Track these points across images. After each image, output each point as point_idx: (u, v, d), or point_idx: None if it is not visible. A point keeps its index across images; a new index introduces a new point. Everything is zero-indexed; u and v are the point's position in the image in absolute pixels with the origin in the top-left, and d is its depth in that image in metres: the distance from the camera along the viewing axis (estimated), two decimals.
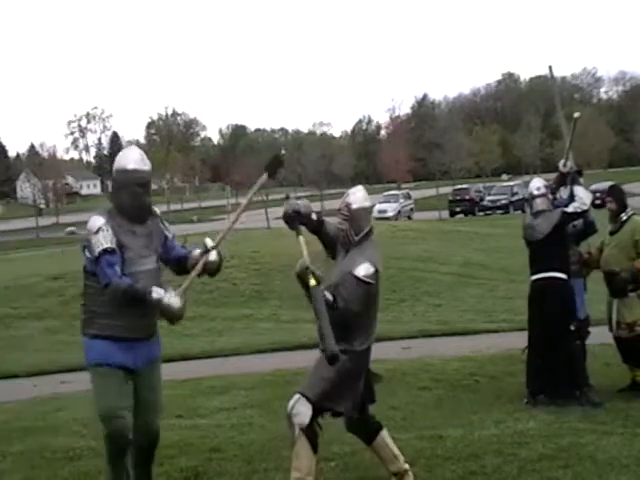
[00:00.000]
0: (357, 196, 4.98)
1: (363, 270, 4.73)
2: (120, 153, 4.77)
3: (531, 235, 7.40)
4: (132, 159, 4.63)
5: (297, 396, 4.78)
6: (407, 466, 5.06)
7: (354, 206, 4.92)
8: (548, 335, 7.12)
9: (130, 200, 4.56)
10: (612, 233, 7.55)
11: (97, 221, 4.50)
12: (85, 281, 4.67)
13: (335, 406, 4.86)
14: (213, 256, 4.71)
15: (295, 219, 4.87)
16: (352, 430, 5.17)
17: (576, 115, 7.78)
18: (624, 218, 7.49)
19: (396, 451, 5.06)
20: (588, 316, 7.67)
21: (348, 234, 4.86)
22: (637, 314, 7.28)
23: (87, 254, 4.55)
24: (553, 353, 7.08)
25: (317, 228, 4.99)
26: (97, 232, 4.47)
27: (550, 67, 8.78)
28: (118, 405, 4.54)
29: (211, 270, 4.75)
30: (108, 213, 4.58)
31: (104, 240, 4.45)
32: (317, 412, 4.80)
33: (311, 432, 4.77)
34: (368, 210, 5.03)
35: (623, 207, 7.58)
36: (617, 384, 7.43)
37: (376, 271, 4.80)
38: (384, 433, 5.08)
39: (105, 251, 4.43)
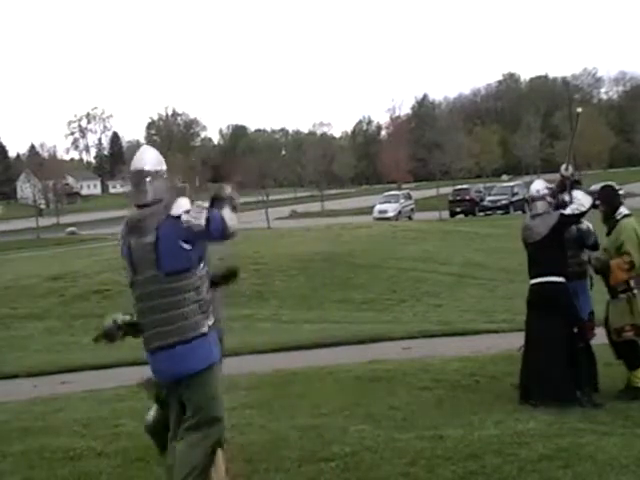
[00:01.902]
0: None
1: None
2: (136, 154, 4.77)
3: (529, 237, 7.37)
4: (148, 159, 4.67)
5: None
6: None
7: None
8: (548, 337, 7.11)
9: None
10: (607, 234, 7.53)
11: (186, 202, 4.50)
12: (180, 283, 4.43)
13: None
14: None
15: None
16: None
17: (579, 110, 7.78)
18: (617, 219, 7.44)
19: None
20: (592, 317, 7.66)
21: None
22: (625, 320, 7.26)
23: (186, 246, 4.41)
24: (553, 354, 7.07)
25: None
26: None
27: (578, 113, 8.59)
28: None
29: None
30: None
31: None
32: None
33: None
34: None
35: (614, 208, 7.50)
36: (617, 384, 7.42)
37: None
38: None
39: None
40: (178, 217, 4.41)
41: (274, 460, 5.67)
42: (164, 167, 4.71)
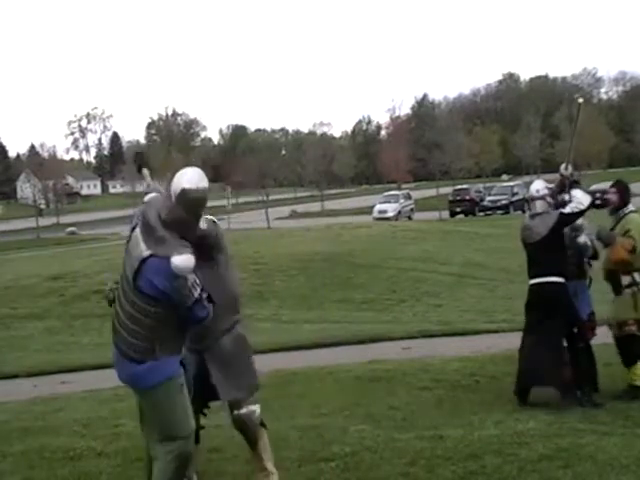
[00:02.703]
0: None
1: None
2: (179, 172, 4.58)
3: (528, 237, 7.35)
4: (187, 179, 4.46)
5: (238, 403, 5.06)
6: None
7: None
8: (548, 338, 7.11)
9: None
10: (612, 229, 7.53)
11: (190, 262, 4.25)
12: (147, 306, 4.29)
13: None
14: None
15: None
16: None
17: (580, 100, 7.75)
18: (625, 212, 7.44)
19: None
20: (593, 317, 7.65)
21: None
22: (628, 314, 7.26)
23: (168, 278, 4.23)
24: (553, 354, 7.07)
25: None
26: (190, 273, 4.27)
27: (579, 104, 8.37)
28: (192, 422, 4.56)
29: None
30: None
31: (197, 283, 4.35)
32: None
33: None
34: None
35: (623, 202, 7.50)
36: (617, 384, 7.42)
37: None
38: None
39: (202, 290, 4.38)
40: (169, 270, 4.22)
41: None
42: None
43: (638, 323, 7.25)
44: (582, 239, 7.55)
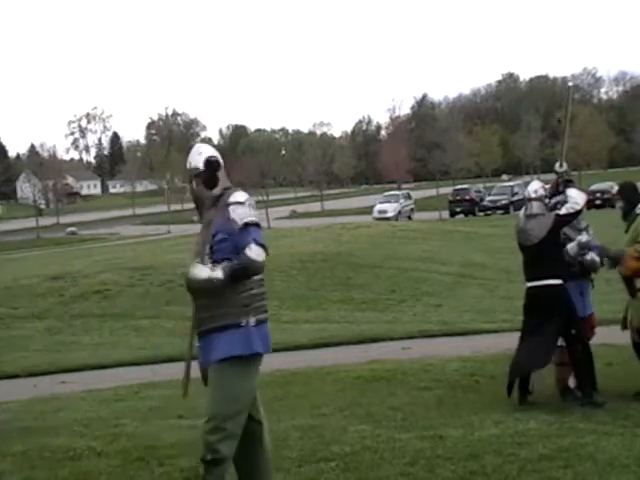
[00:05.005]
0: None
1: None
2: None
3: (525, 239, 7.32)
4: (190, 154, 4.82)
5: None
6: None
7: None
8: (546, 338, 7.11)
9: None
10: (626, 231, 7.48)
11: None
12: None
13: None
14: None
15: None
16: None
17: (570, 84, 7.87)
18: (637, 213, 7.36)
19: None
20: (593, 317, 7.64)
21: None
22: None
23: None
24: (544, 350, 7.08)
25: None
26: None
27: (569, 87, 8.65)
28: None
29: None
30: None
31: None
32: None
33: None
34: None
35: (632, 205, 7.42)
36: (618, 384, 7.42)
37: None
38: None
39: None
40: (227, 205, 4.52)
41: (274, 460, 5.65)
42: None
43: None
44: (589, 257, 7.49)
